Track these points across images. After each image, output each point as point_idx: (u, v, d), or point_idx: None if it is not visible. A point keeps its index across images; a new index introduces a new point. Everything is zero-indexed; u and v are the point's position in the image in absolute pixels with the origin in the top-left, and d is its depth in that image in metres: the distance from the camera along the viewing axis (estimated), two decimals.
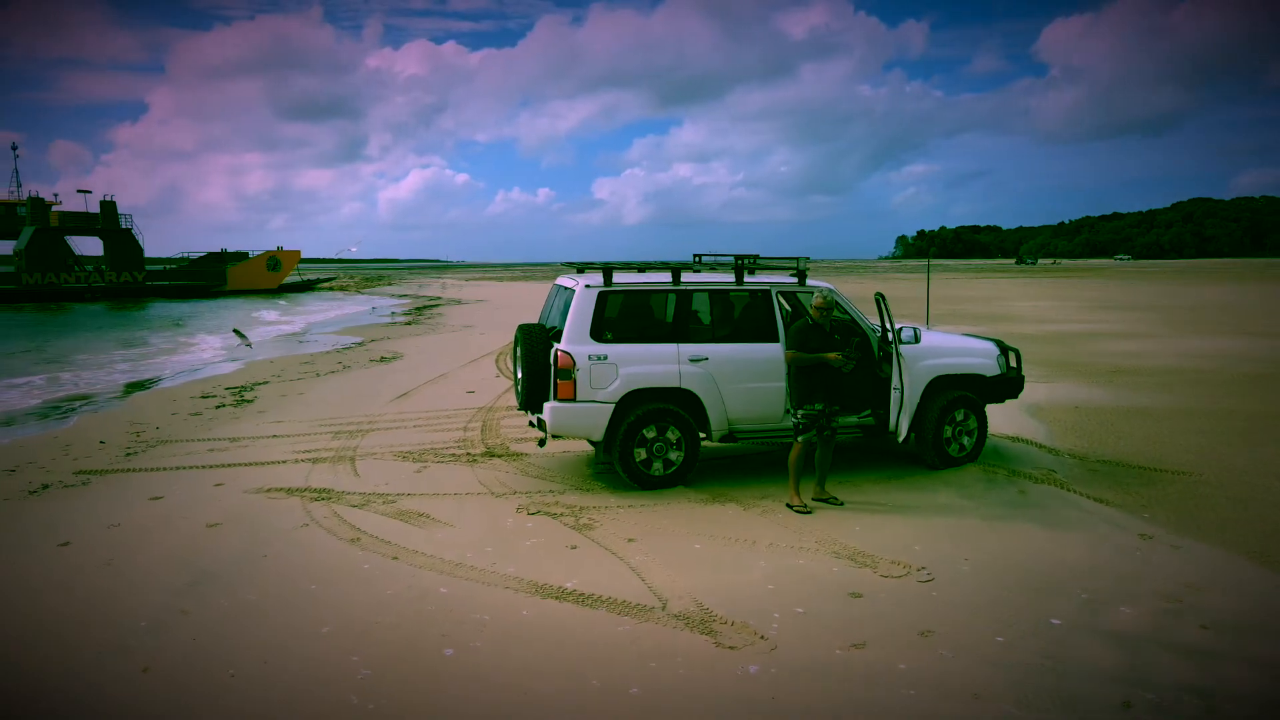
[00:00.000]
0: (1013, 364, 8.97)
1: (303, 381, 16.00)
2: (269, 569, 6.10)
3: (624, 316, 7.97)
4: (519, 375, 8.23)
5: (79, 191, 66.71)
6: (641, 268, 8.61)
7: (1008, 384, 8.79)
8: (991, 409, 9.01)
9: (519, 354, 8.16)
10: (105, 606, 5.46)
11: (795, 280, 8.33)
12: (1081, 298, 39.94)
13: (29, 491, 8.43)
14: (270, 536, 6.80)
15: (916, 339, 8.02)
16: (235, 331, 12.99)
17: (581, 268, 8.62)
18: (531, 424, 8.39)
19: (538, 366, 7.84)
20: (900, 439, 7.99)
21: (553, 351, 7.73)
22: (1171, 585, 5.62)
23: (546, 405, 7.74)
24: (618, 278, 7.95)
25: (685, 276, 8.12)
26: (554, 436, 7.93)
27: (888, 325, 7.82)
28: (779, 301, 8.24)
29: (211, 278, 65.43)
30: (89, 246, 63.85)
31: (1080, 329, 24.16)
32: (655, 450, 7.82)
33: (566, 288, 8.24)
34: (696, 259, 9.35)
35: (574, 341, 7.69)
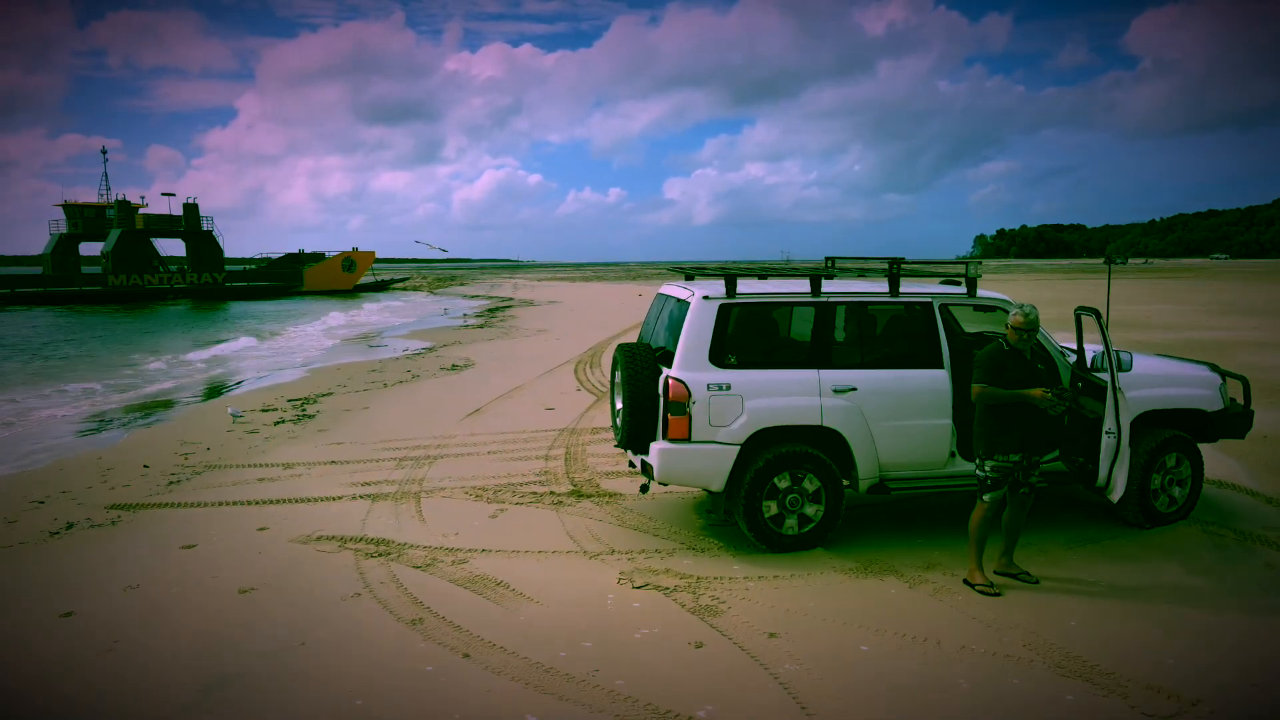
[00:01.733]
0: (1235, 395, 7.12)
1: (368, 393, 14.80)
2: (306, 668, 4.70)
3: (749, 335, 6.40)
4: (618, 406, 6.72)
5: (163, 194, 68.10)
6: (762, 273, 7.03)
7: (1232, 421, 6.92)
8: None
9: (618, 381, 6.64)
10: None
11: (963, 290, 6.66)
12: (1196, 300, 36.77)
13: (50, 533, 7.27)
14: (313, 613, 5.42)
15: (1124, 366, 6.26)
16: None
17: (690, 274, 7.09)
18: (632, 465, 6.88)
19: (644, 398, 6.29)
20: (1115, 497, 6.17)
21: (662, 379, 6.20)
22: None
23: (654, 446, 6.20)
24: (742, 286, 6.37)
25: (826, 285, 6.50)
26: (662, 483, 6.40)
27: (1106, 349, 6.01)
28: (941, 317, 6.57)
29: (289, 278, 65.94)
30: (174, 248, 65.03)
31: (1215, 336, 21.60)
32: (789, 504, 6.22)
33: (676, 298, 6.70)
34: (829, 262, 7.73)
35: (689, 367, 6.13)
